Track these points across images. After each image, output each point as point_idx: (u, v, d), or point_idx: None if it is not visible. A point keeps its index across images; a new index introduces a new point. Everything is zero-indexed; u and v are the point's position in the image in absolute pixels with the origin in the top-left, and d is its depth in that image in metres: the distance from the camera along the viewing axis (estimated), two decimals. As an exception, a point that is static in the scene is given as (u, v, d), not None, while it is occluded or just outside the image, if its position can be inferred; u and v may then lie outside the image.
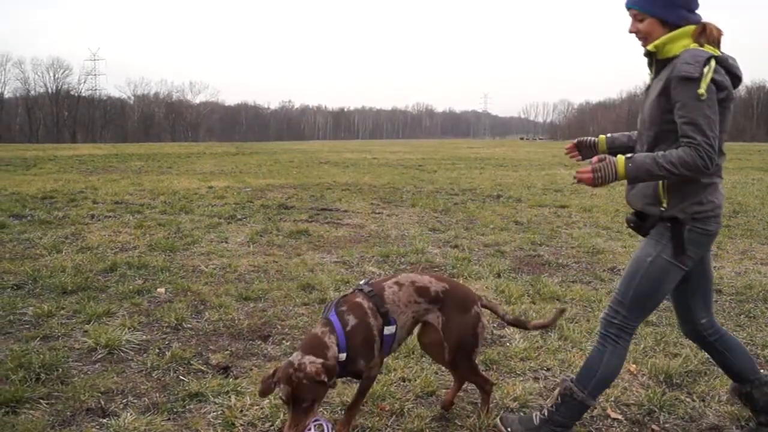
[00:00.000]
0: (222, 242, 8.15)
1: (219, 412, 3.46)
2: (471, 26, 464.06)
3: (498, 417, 3.36)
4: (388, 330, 3.13)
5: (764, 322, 5.30)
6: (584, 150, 3.55)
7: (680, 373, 4.12)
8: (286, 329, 4.85)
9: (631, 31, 3.02)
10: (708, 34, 2.86)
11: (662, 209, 2.97)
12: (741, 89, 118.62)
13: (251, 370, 4.07)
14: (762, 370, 3.37)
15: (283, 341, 4.60)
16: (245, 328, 4.84)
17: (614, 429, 3.44)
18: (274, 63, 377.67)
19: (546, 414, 3.17)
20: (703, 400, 3.79)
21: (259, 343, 4.58)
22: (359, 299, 3.13)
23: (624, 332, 3.07)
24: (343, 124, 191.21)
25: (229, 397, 3.62)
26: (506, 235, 9.07)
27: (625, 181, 2.99)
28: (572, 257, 7.71)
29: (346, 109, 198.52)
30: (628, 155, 2.89)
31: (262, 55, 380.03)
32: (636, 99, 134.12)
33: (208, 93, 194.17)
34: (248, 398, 3.60)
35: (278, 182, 16.65)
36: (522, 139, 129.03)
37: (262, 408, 3.49)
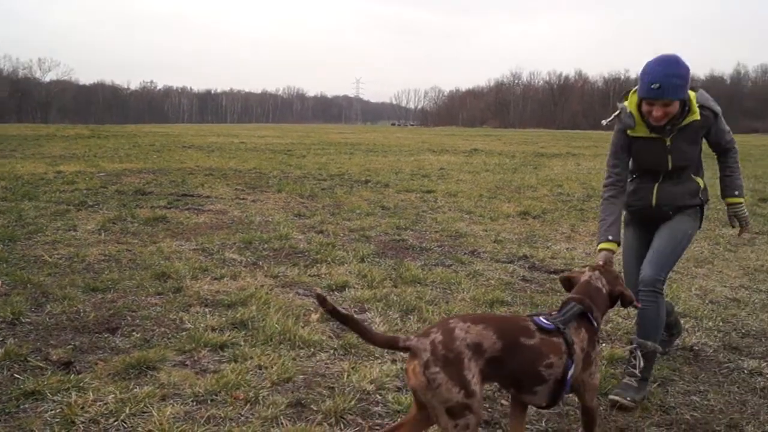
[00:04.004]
0: (70, 230, 7.65)
1: (57, 410, 3.23)
2: (344, 8, 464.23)
3: (612, 395, 3.64)
4: None
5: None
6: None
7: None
8: (137, 320, 4.60)
9: (659, 117, 3.62)
10: None
11: (701, 199, 3.93)
12: (598, 80, 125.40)
13: (96, 364, 3.82)
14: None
15: (134, 333, 4.35)
16: (91, 321, 4.54)
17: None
18: (135, 40, 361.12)
19: (640, 375, 3.72)
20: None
21: (106, 335, 4.31)
22: None
23: (664, 284, 3.87)
24: (209, 107, 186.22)
25: (70, 393, 3.38)
26: (372, 220, 9.09)
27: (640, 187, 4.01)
28: (435, 241, 7.83)
29: (213, 91, 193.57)
30: (736, 194, 3.96)
31: (121, 31, 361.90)
32: (503, 87, 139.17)
33: (60, 71, 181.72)
34: (91, 394, 3.37)
35: (136, 167, 15.91)
36: (393, 125, 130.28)
37: (105, 403, 3.28)
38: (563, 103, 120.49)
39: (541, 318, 2.76)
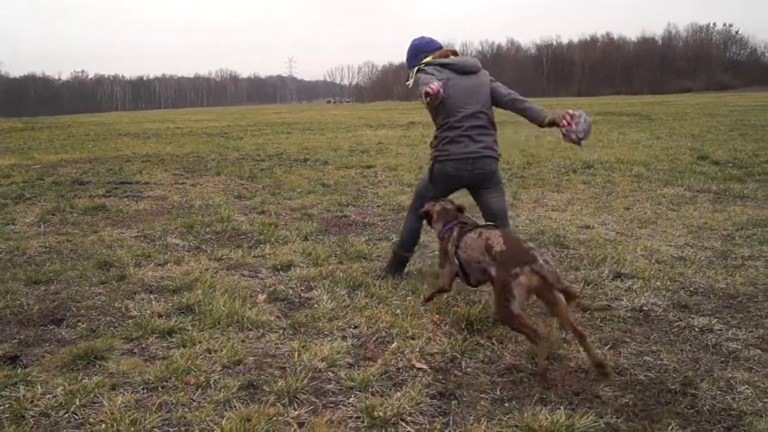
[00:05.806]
0: (8, 224, 7.47)
1: (6, 406, 3.18)
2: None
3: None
4: None
5: (554, 264, 5.69)
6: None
7: (480, 319, 4.32)
8: (82, 310, 4.55)
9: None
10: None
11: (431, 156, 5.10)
12: (531, 48, 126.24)
13: (43, 357, 3.77)
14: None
15: (79, 323, 4.30)
16: (36, 314, 4.47)
17: (420, 378, 3.54)
18: (63, 30, 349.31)
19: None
20: (501, 342, 4.00)
21: (51, 327, 4.26)
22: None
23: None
24: (143, 94, 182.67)
25: (18, 388, 3.34)
26: (313, 197, 9.10)
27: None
28: (378, 215, 7.89)
29: (145, 78, 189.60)
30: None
31: (49, 22, 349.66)
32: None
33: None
34: (39, 387, 3.33)
35: (72, 157, 15.53)
36: (329, 102, 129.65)
37: (55, 396, 3.25)
38: (497, 72, 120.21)
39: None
